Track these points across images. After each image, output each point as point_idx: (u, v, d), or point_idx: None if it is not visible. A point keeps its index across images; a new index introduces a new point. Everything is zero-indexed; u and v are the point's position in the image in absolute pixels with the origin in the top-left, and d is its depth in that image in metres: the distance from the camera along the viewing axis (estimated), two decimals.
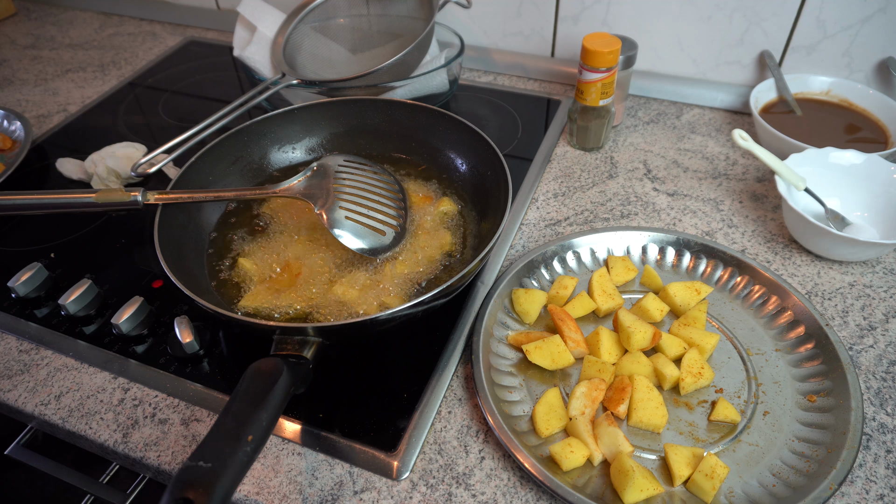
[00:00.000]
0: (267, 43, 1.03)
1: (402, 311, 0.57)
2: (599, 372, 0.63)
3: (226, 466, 0.45)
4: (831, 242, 0.72)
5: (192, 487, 0.43)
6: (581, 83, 0.87)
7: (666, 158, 0.93)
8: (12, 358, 0.69)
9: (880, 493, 0.55)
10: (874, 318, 0.70)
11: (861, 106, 0.92)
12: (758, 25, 0.96)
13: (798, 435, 0.59)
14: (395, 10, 1.05)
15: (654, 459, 0.58)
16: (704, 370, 0.62)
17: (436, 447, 0.60)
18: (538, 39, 1.10)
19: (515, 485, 0.57)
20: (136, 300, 0.70)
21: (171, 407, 0.64)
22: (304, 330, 0.56)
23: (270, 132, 0.84)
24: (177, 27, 1.35)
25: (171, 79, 1.17)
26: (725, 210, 0.84)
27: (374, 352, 0.68)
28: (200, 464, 0.44)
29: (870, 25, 0.90)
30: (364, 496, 0.57)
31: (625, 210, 0.84)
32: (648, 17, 1.01)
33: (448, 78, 1.00)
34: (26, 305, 0.74)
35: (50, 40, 1.32)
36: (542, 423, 0.59)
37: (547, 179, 0.90)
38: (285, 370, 0.53)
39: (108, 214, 0.86)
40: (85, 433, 0.62)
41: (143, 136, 1.02)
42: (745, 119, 1.01)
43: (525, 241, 0.80)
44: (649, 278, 0.72)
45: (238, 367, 0.67)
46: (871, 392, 0.63)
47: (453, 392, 0.64)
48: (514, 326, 0.69)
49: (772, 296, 0.69)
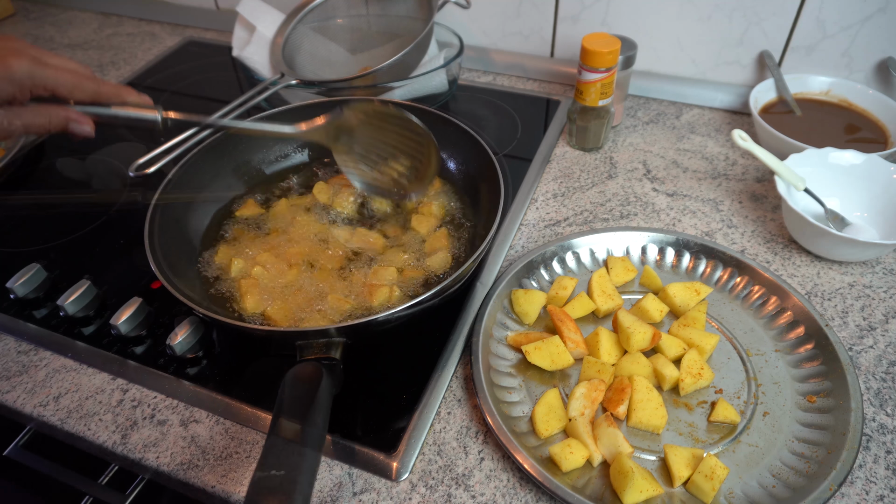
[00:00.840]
0: (266, 43, 1.03)
1: (395, 313, 0.57)
2: (599, 373, 0.62)
3: (299, 472, 0.45)
4: (831, 243, 0.72)
5: (272, 496, 0.43)
6: (580, 83, 0.87)
7: (665, 159, 0.93)
8: (11, 359, 0.69)
9: (880, 493, 0.55)
10: (874, 319, 0.69)
11: (861, 106, 0.92)
12: (757, 25, 0.95)
13: (798, 436, 0.58)
14: (394, 10, 1.05)
15: (653, 460, 0.58)
16: (704, 371, 0.62)
17: (435, 448, 0.60)
18: (537, 39, 1.10)
19: (515, 486, 0.57)
20: (135, 301, 0.70)
21: (169, 408, 0.64)
22: (327, 332, 0.56)
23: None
24: (176, 27, 1.35)
25: (170, 79, 1.17)
26: (725, 210, 0.84)
27: (373, 352, 0.67)
28: (273, 473, 0.45)
29: (869, 25, 0.90)
30: (363, 497, 0.56)
31: (624, 210, 0.84)
32: (648, 17, 1.01)
33: (447, 78, 1.00)
34: (25, 306, 0.74)
35: (49, 41, 1.32)
36: (541, 423, 0.59)
37: (546, 180, 0.90)
38: (325, 373, 0.53)
39: (108, 214, 0.86)
40: (84, 434, 0.62)
41: (143, 136, 1.02)
42: (744, 119, 1.00)
43: (524, 241, 0.80)
44: (649, 279, 0.72)
45: (237, 367, 0.67)
46: (870, 393, 0.63)
47: (453, 393, 0.64)
48: (513, 327, 0.69)
49: (771, 296, 0.69)
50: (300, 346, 0.57)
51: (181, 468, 0.59)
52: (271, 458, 0.46)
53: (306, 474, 0.46)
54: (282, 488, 0.44)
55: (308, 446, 0.47)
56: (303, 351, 0.57)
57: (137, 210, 0.71)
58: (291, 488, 0.44)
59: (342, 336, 0.57)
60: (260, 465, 0.45)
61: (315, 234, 0.75)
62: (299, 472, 0.45)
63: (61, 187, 0.91)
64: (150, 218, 0.67)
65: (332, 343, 0.57)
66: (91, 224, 0.85)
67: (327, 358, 0.56)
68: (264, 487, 0.44)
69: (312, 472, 0.47)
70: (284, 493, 0.43)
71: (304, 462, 0.46)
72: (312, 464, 0.47)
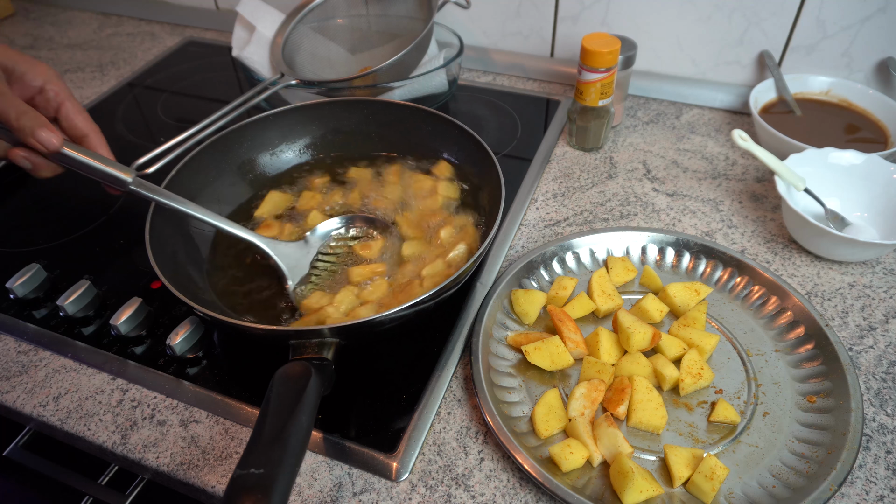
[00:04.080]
0: (266, 43, 1.03)
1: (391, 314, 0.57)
2: (599, 373, 0.62)
3: (279, 471, 0.45)
4: (831, 243, 0.72)
5: (249, 494, 0.43)
6: (580, 83, 0.87)
7: (665, 159, 0.93)
8: (10, 359, 0.69)
9: (880, 493, 0.55)
10: (874, 319, 0.69)
11: (861, 106, 0.92)
12: (757, 25, 0.95)
13: (798, 436, 0.58)
14: (394, 10, 1.05)
15: (653, 460, 0.58)
16: (704, 371, 0.62)
17: (435, 448, 0.60)
18: (537, 39, 1.10)
19: (515, 486, 0.57)
20: (135, 301, 0.70)
21: (169, 408, 0.64)
22: (320, 332, 0.56)
23: (272, 130, 0.84)
24: (175, 27, 1.35)
25: (169, 79, 1.17)
26: (725, 210, 0.84)
27: (372, 353, 0.67)
28: (252, 471, 0.44)
29: (869, 25, 0.90)
30: (363, 497, 0.56)
31: (624, 210, 0.84)
32: (648, 18, 1.01)
33: (447, 78, 1.00)
34: (25, 306, 0.74)
35: (48, 41, 1.32)
36: (541, 424, 0.59)
37: (546, 180, 0.90)
38: (313, 372, 0.53)
39: (108, 214, 0.86)
40: (83, 434, 0.62)
41: (142, 136, 1.02)
42: (744, 119, 1.00)
43: (524, 241, 0.80)
44: (649, 279, 0.72)
45: (237, 367, 0.67)
46: (871, 393, 0.63)
47: (452, 393, 0.64)
48: (513, 327, 0.69)
49: (771, 296, 0.69)
50: (293, 345, 0.57)
51: (181, 468, 0.59)
52: (252, 456, 0.45)
53: (285, 474, 0.45)
54: (259, 487, 0.43)
55: (290, 446, 0.47)
56: (295, 350, 0.57)
57: (137, 210, 0.70)
58: (269, 487, 0.43)
59: (335, 336, 0.57)
60: (240, 464, 0.45)
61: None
62: (279, 471, 0.45)
63: (61, 187, 0.91)
64: (150, 218, 0.67)
65: (324, 343, 0.57)
66: (91, 224, 0.85)
67: (318, 358, 0.55)
68: (242, 486, 0.43)
69: (293, 471, 0.46)
70: (262, 492, 0.43)
71: (284, 461, 0.45)
72: (293, 463, 0.46)
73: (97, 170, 0.64)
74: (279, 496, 0.44)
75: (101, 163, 0.65)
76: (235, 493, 0.43)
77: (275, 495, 0.43)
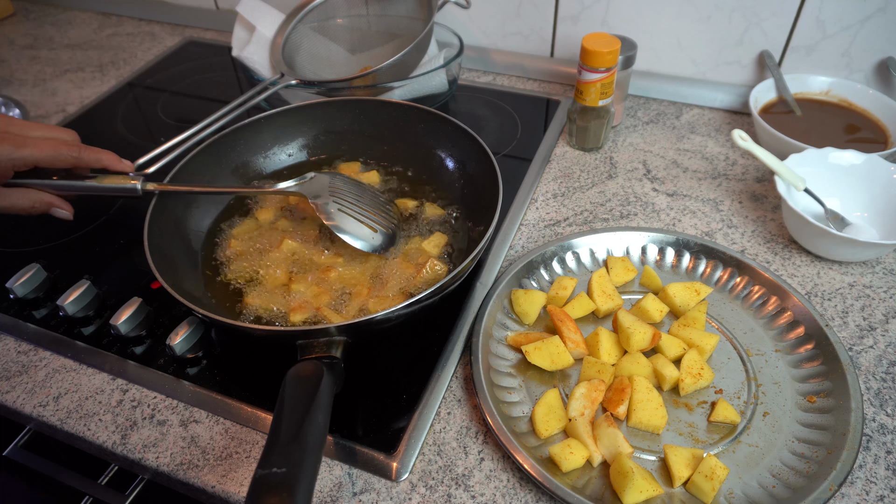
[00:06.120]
0: (266, 43, 1.03)
1: (395, 311, 0.57)
2: (599, 373, 0.62)
3: (301, 469, 0.45)
4: (831, 243, 0.72)
5: (274, 493, 0.43)
6: (580, 83, 0.87)
7: (665, 159, 0.93)
8: (10, 359, 0.69)
9: (880, 494, 0.55)
10: (874, 319, 0.69)
11: (861, 106, 0.92)
12: (757, 25, 0.95)
13: (798, 436, 0.58)
14: (394, 10, 1.05)
15: (653, 460, 0.58)
16: (704, 371, 0.62)
17: (435, 448, 0.60)
18: (537, 39, 1.10)
19: (515, 486, 0.57)
20: (135, 301, 0.70)
21: (169, 408, 0.64)
22: (327, 331, 0.56)
23: (265, 132, 0.84)
24: (175, 27, 1.35)
25: (169, 79, 1.17)
26: (725, 210, 0.84)
27: (373, 353, 0.67)
28: (274, 470, 0.44)
29: (869, 25, 0.90)
30: (363, 497, 0.56)
31: (624, 210, 0.84)
32: (648, 17, 1.01)
33: (447, 78, 1.00)
34: (25, 306, 0.74)
35: (48, 41, 1.32)
36: (541, 424, 0.59)
37: (546, 180, 0.90)
38: (325, 371, 0.53)
39: (108, 213, 0.86)
40: (83, 434, 0.62)
41: (142, 136, 1.02)
42: (744, 119, 1.00)
43: (524, 241, 0.80)
44: (649, 279, 0.72)
45: (237, 367, 0.67)
46: (871, 393, 0.63)
47: (452, 393, 0.64)
48: (513, 327, 0.69)
49: (771, 296, 0.69)
50: (301, 345, 0.57)
51: (181, 468, 0.59)
52: (272, 456, 0.46)
53: (308, 472, 0.45)
54: (283, 486, 0.43)
55: (309, 444, 0.47)
56: (304, 350, 0.57)
57: (137, 210, 0.71)
58: (293, 486, 0.44)
59: (343, 335, 0.57)
60: (261, 464, 0.45)
61: (314, 230, 0.75)
62: (301, 469, 0.45)
63: None
64: (150, 218, 0.67)
65: (332, 342, 0.57)
66: (91, 224, 0.85)
67: (328, 357, 0.56)
68: (265, 485, 0.44)
69: (314, 470, 0.46)
70: (286, 491, 0.43)
71: (305, 460, 0.46)
72: (314, 462, 0.47)
73: (106, 189, 0.71)
74: (303, 494, 0.44)
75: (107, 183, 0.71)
76: (260, 493, 0.43)
77: (299, 493, 0.43)
